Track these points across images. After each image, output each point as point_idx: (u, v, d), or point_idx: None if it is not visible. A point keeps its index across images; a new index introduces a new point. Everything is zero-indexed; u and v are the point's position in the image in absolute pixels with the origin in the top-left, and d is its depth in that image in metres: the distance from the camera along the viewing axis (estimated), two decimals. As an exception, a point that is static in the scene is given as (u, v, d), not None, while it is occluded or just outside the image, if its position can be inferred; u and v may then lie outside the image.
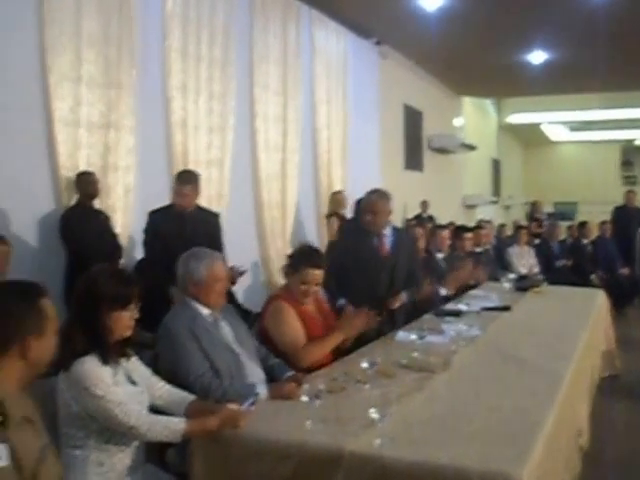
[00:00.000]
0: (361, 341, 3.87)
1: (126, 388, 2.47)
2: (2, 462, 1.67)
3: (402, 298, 4.50)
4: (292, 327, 3.48)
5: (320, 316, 3.73)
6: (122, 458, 2.45)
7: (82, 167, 5.44)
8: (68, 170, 5.36)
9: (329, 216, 8.25)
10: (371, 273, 4.41)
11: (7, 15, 4.95)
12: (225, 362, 2.99)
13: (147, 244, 5.19)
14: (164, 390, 2.71)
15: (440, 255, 6.44)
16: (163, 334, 3.01)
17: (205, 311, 3.10)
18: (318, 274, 3.60)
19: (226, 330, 3.16)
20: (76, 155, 5.46)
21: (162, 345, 3.01)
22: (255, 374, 3.09)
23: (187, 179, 5.14)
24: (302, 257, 3.66)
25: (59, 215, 5.26)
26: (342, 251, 4.58)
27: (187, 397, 2.71)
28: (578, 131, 20.70)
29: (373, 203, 4.44)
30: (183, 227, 5.00)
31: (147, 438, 2.44)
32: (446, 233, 6.66)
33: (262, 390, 2.90)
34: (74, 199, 5.36)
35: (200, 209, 5.30)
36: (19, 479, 1.71)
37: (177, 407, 2.66)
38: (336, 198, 8.58)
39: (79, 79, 5.46)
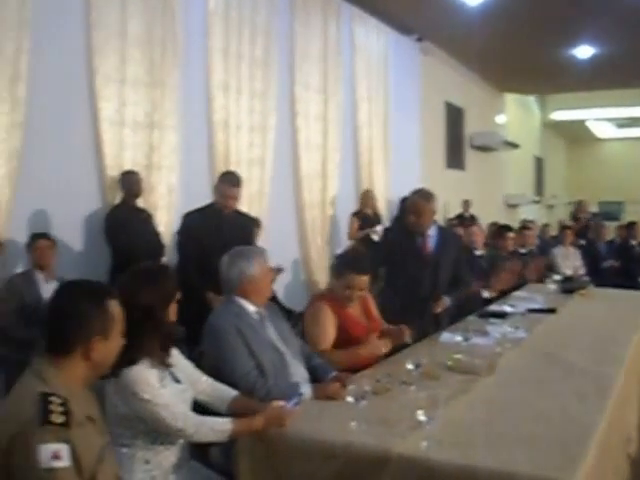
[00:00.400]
0: (404, 343, 3.84)
1: (171, 388, 2.48)
2: (64, 462, 1.69)
3: (445, 303, 4.42)
4: (322, 328, 3.48)
5: (365, 319, 3.70)
6: (168, 456, 2.47)
7: (127, 166, 5.51)
8: (113, 169, 5.44)
9: (354, 214, 8.22)
10: (414, 273, 4.36)
11: (55, 19, 5.04)
12: (270, 361, 3.00)
13: (181, 246, 5.14)
14: (207, 385, 2.72)
15: (478, 252, 6.36)
16: (209, 331, 3.02)
17: (251, 308, 3.10)
18: (363, 280, 3.56)
19: (271, 329, 3.17)
20: (121, 155, 5.54)
21: (208, 342, 3.02)
22: (299, 373, 3.09)
23: (237, 181, 5.08)
24: (347, 262, 3.62)
25: (105, 214, 5.33)
26: (386, 250, 4.54)
27: (230, 392, 2.72)
28: (625, 128, 20.26)
29: (417, 204, 4.39)
30: (220, 228, 4.95)
31: (194, 440, 2.45)
32: (476, 228, 6.58)
33: (306, 390, 2.89)
34: (119, 198, 5.43)
35: (238, 212, 5.25)
36: (79, 479, 1.73)
37: (220, 402, 2.67)
38: (363, 196, 8.53)
39: (124, 80, 5.54)
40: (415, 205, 4.39)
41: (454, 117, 12.75)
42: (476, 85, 13.85)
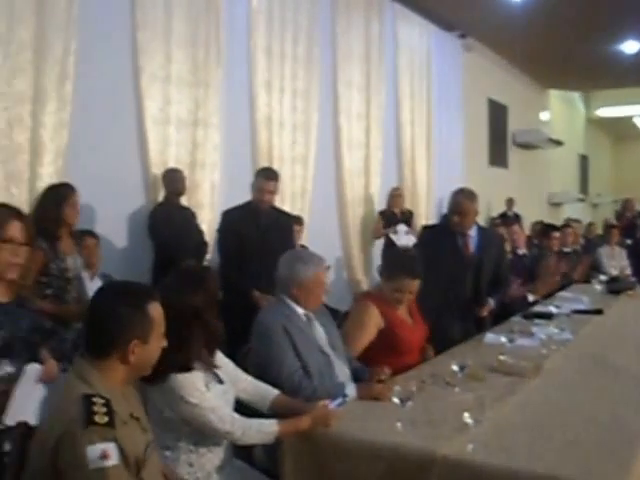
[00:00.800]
0: (446, 344, 3.82)
1: (215, 389, 2.50)
2: (113, 461, 1.71)
3: (490, 305, 4.38)
4: (361, 331, 3.46)
5: (411, 321, 3.67)
6: (211, 458, 2.48)
7: (171, 164, 5.57)
8: (158, 167, 5.50)
9: (380, 213, 8.13)
10: (455, 273, 4.32)
11: (102, 20, 5.12)
12: (316, 362, 3.00)
13: (222, 244, 5.15)
14: (248, 383, 2.72)
15: (521, 252, 6.28)
16: (257, 329, 3.04)
17: (300, 310, 3.11)
18: (415, 284, 3.53)
19: (319, 331, 3.17)
20: (166, 152, 5.60)
21: (256, 340, 3.04)
22: (343, 375, 3.09)
23: (273, 175, 5.09)
24: (401, 265, 3.57)
25: (149, 211, 5.40)
26: (424, 250, 4.47)
27: (272, 392, 2.73)
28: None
29: (461, 204, 4.34)
30: (258, 225, 4.95)
31: (241, 442, 2.46)
32: (517, 227, 6.48)
33: (351, 390, 2.89)
34: (162, 196, 5.49)
35: (275, 209, 5.22)
36: (128, 476, 1.76)
37: (262, 401, 2.68)
38: (391, 194, 8.27)
39: (168, 79, 5.60)
40: (460, 205, 4.34)
41: (497, 114, 12.60)
42: (519, 82, 13.66)
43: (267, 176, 5.04)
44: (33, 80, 4.53)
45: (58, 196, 3.95)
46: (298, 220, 6.64)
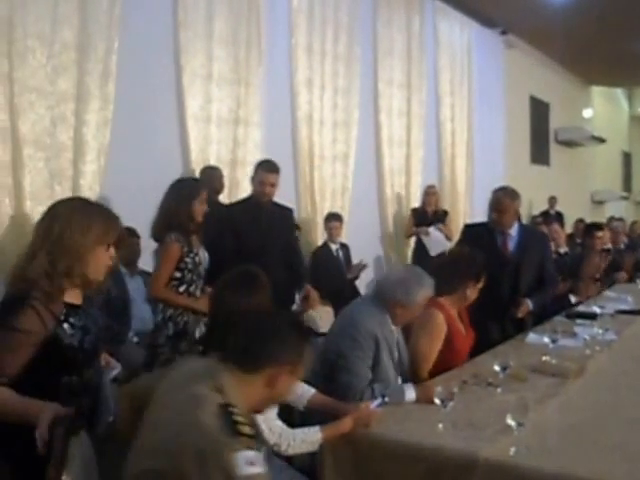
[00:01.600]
0: (483, 345, 3.78)
1: None
2: (259, 468, 1.71)
3: (527, 306, 4.26)
4: (436, 341, 3.35)
5: (463, 328, 3.62)
6: None
7: (212, 162, 5.63)
8: (199, 165, 5.55)
9: (413, 210, 8.01)
10: (493, 273, 4.15)
11: (144, 19, 5.19)
12: (389, 378, 3.02)
13: (218, 241, 4.79)
14: None
15: (562, 250, 6.21)
16: (349, 326, 3.04)
17: (391, 325, 3.11)
18: (479, 289, 3.57)
19: (401, 347, 3.17)
20: (207, 150, 5.66)
21: (340, 333, 3.05)
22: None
23: (274, 167, 4.84)
24: (469, 270, 3.56)
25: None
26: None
27: (308, 390, 2.71)
28: None
29: (500, 200, 4.30)
30: (259, 220, 4.74)
31: (287, 453, 2.47)
32: (556, 226, 6.37)
33: (410, 393, 2.82)
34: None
35: (275, 204, 4.99)
36: None
37: (298, 400, 2.67)
38: (426, 192, 8.06)
39: (210, 77, 5.65)
40: (499, 202, 4.31)
41: (539, 111, 12.49)
42: (561, 78, 13.50)
43: (268, 168, 4.82)
44: (76, 79, 4.60)
45: (191, 191, 3.98)
46: (337, 217, 6.66)
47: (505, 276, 4.28)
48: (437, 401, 2.50)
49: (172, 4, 5.39)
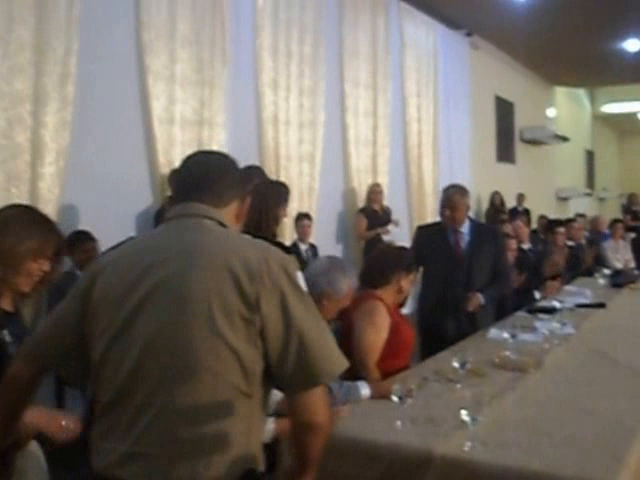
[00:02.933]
0: (440, 342, 3.86)
1: None
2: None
3: (478, 300, 4.29)
4: (378, 334, 3.28)
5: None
6: None
7: (177, 164, 5.57)
8: (164, 166, 5.55)
9: (361, 211, 7.81)
10: (447, 271, 4.33)
11: (107, 19, 5.16)
12: None
13: None
14: None
15: (525, 246, 6.31)
16: None
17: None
18: (412, 280, 3.56)
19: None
20: (171, 152, 5.64)
21: None
22: None
23: None
24: (398, 263, 3.51)
25: (155, 211, 5.44)
26: (418, 247, 4.49)
27: (276, 395, 2.71)
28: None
29: (452, 198, 4.38)
30: None
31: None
32: (519, 222, 6.46)
33: (365, 390, 2.84)
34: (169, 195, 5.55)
35: None
36: None
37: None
38: (370, 191, 7.91)
39: (173, 78, 5.63)
40: (450, 199, 4.37)
41: (504, 111, 12.68)
42: (526, 79, 13.73)
43: None
44: (33, 80, 4.53)
45: (282, 196, 3.96)
46: (308, 217, 6.70)
47: (458, 273, 4.34)
48: (395, 398, 2.51)
49: (134, 5, 5.35)
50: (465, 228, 4.44)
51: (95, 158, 5.01)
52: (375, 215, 7.73)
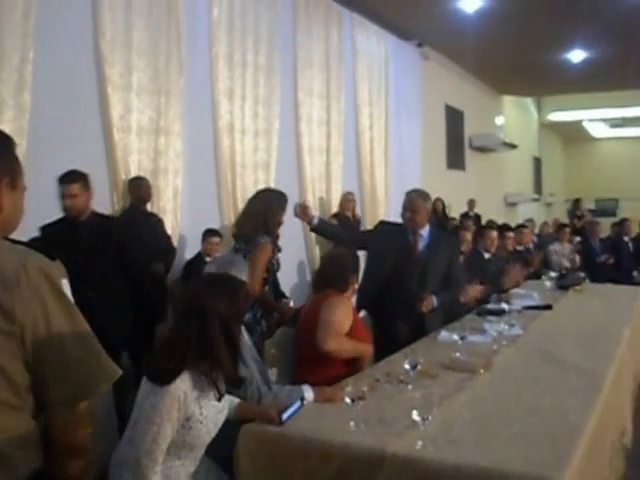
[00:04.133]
0: (392, 342, 3.96)
1: (209, 407, 2.40)
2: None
3: (431, 302, 4.35)
4: (346, 317, 3.41)
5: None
6: (181, 471, 2.42)
7: (134, 171, 5.64)
8: (121, 174, 5.57)
9: (333, 216, 8.11)
10: (402, 271, 4.38)
11: (63, 28, 5.15)
12: (256, 371, 3.01)
13: None
14: None
15: (487, 255, 6.42)
16: None
17: None
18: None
19: (247, 338, 3.13)
20: (127, 160, 5.66)
21: None
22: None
23: (69, 178, 4.24)
24: (353, 266, 3.64)
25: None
26: (375, 240, 4.56)
27: (233, 401, 2.69)
28: (619, 127, 20.47)
29: (412, 201, 4.46)
30: (78, 239, 4.18)
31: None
32: (495, 234, 6.44)
33: (308, 393, 2.86)
34: (128, 203, 5.56)
35: (97, 215, 4.42)
36: None
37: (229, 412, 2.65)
38: (343, 199, 8.35)
39: (129, 87, 5.66)
40: (412, 202, 4.46)
41: (454, 119, 12.91)
42: (475, 88, 14.01)
43: (63, 180, 4.25)
44: (-13, 89, 4.50)
45: (284, 203, 4.31)
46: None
47: (413, 274, 4.40)
48: (347, 400, 2.54)
49: (91, 14, 5.37)
50: (425, 232, 4.52)
51: (52, 166, 4.96)
52: (347, 222, 7.97)
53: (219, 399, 2.43)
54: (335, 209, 8.41)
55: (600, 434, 2.75)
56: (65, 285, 1.50)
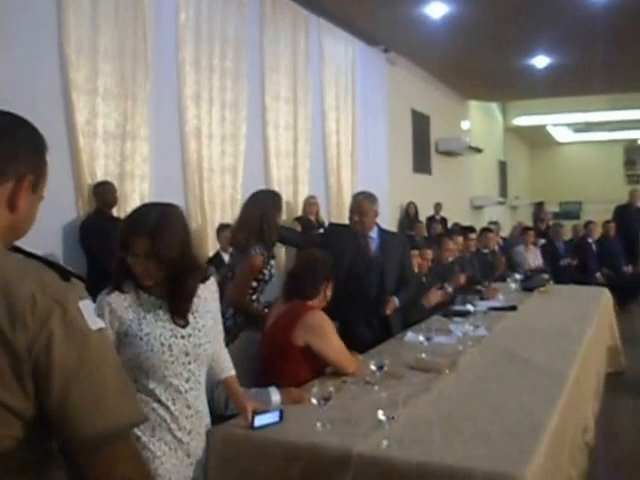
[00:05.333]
0: (353, 345, 3.92)
1: (157, 328, 2.42)
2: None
3: (394, 303, 4.39)
4: (334, 334, 3.34)
5: None
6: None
7: (100, 176, 5.62)
8: (87, 179, 5.54)
9: (296, 219, 8.08)
10: (359, 274, 4.37)
11: (28, 32, 5.13)
12: None
13: None
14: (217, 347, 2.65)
15: (450, 258, 6.44)
16: None
17: None
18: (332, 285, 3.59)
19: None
20: (94, 165, 5.64)
21: None
22: None
23: None
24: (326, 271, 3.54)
25: (80, 223, 5.43)
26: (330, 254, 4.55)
27: (230, 369, 2.67)
28: (582, 132, 20.83)
29: (360, 204, 4.45)
30: None
31: None
32: (452, 244, 6.35)
33: (275, 396, 2.85)
34: (94, 208, 5.54)
35: None
36: None
37: (218, 370, 2.63)
38: (306, 202, 8.31)
39: (95, 92, 5.63)
40: (359, 205, 4.45)
41: (420, 124, 13.00)
42: (441, 93, 14.14)
43: None
44: (-50, 94, 4.44)
45: (279, 203, 4.07)
46: (229, 227, 6.75)
47: (371, 277, 4.41)
48: (314, 401, 2.55)
49: (56, 18, 5.34)
50: (374, 233, 4.54)
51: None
52: (310, 225, 7.94)
53: (183, 326, 2.39)
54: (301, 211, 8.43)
55: (563, 431, 2.80)
56: (85, 307, 1.30)
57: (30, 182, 1.41)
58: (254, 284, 3.99)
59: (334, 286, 3.55)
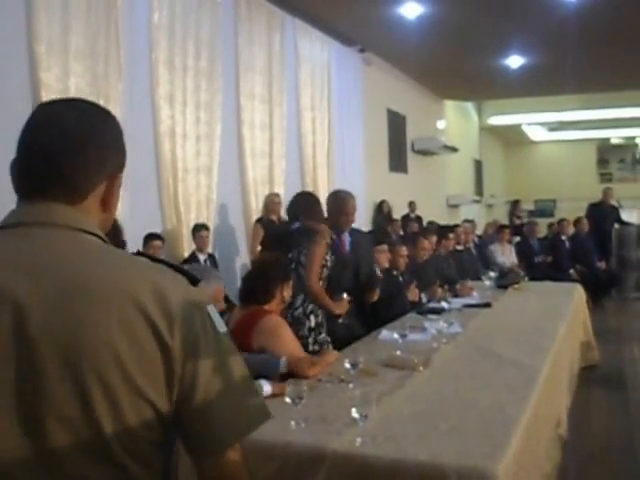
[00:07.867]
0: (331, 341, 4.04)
1: None
2: None
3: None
4: (293, 339, 3.40)
5: None
6: None
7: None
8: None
9: (258, 221, 7.57)
10: (336, 274, 4.42)
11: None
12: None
13: None
14: None
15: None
16: None
17: None
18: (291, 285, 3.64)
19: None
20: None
21: None
22: None
23: None
24: (285, 271, 3.62)
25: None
26: None
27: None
28: (556, 131, 21.05)
29: (350, 203, 4.57)
30: None
31: None
32: (426, 243, 6.36)
33: (267, 387, 2.84)
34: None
35: None
36: None
37: None
38: (267, 201, 7.67)
39: (67, 92, 5.55)
40: (348, 205, 4.57)
41: (396, 123, 13.05)
42: (416, 93, 14.21)
43: None
44: None
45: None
46: (206, 227, 6.75)
47: (345, 276, 4.52)
48: (288, 400, 2.55)
49: (25, 17, 5.26)
50: (345, 233, 4.68)
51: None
52: (272, 226, 7.42)
53: None
54: (282, 214, 8.32)
55: (536, 426, 2.82)
56: (212, 311, 1.33)
57: (120, 181, 1.41)
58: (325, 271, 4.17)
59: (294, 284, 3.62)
